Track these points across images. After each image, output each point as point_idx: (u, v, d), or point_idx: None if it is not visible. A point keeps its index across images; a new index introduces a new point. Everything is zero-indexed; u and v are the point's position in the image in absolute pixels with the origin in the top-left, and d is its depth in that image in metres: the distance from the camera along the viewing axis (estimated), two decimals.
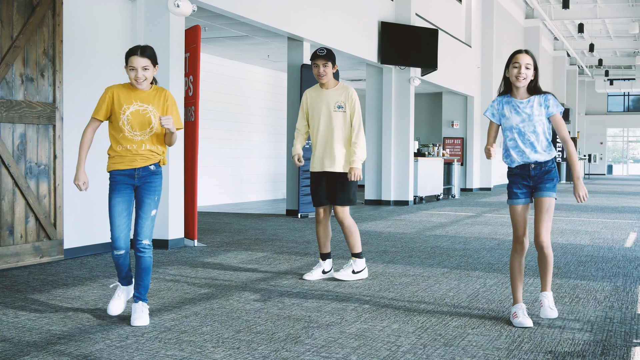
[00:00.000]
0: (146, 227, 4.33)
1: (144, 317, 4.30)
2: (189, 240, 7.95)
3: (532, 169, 4.29)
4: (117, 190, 4.33)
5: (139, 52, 4.26)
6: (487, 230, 9.68)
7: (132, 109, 4.29)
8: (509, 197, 4.38)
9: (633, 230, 9.97)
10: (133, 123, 4.29)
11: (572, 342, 3.94)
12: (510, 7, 24.54)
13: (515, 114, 4.29)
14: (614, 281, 5.85)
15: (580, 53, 33.53)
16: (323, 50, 5.70)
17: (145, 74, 4.27)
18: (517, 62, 4.24)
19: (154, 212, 4.38)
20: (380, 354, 3.69)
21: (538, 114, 4.26)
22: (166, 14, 7.62)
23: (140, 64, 4.25)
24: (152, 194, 4.36)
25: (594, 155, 38.33)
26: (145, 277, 4.37)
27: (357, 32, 12.80)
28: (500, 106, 4.36)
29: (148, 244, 4.34)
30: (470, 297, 5.16)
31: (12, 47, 6.27)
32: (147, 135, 4.33)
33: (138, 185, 4.35)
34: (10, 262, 6.27)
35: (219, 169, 14.38)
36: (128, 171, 4.32)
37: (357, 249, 5.84)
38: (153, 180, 4.37)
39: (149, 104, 4.32)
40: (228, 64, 14.65)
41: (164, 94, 4.41)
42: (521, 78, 4.23)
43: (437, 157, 15.79)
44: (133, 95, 4.32)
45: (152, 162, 4.36)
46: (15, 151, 6.34)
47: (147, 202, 4.34)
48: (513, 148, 4.31)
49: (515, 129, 4.28)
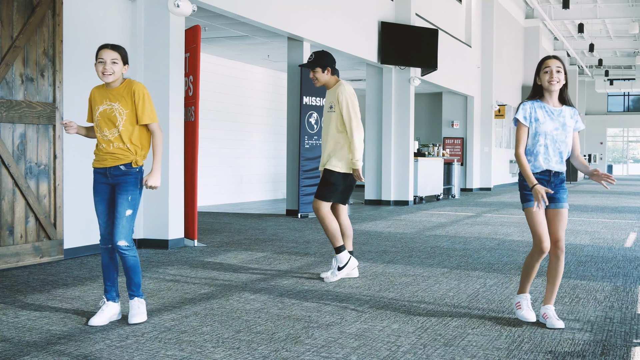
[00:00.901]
0: (121, 227, 4.25)
1: (140, 313, 4.30)
2: (189, 240, 7.95)
3: (552, 175, 4.28)
4: (95, 190, 4.38)
5: (110, 46, 4.27)
6: (487, 230, 9.68)
7: (101, 109, 4.30)
8: (525, 200, 4.27)
9: (633, 230, 9.97)
10: (101, 123, 4.30)
11: (572, 342, 3.94)
12: (510, 7, 24.54)
13: (549, 120, 4.23)
14: (614, 281, 5.85)
15: (580, 53, 33.52)
16: (311, 56, 5.83)
17: (113, 68, 4.23)
18: (547, 67, 4.22)
19: (129, 212, 4.29)
20: (380, 354, 3.69)
21: (570, 125, 4.27)
22: (166, 14, 7.62)
23: (109, 56, 4.23)
24: (124, 194, 4.29)
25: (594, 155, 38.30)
26: (133, 275, 4.34)
27: (357, 32, 12.80)
28: (533, 110, 4.27)
29: (126, 245, 4.26)
30: (470, 297, 5.16)
31: (12, 47, 6.27)
32: (116, 134, 4.28)
33: (112, 183, 4.34)
34: (10, 262, 6.27)
35: (219, 169, 14.38)
36: (102, 170, 4.35)
37: (335, 243, 5.79)
38: (124, 181, 4.31)
39: (116, 101, 4.29)
40: (228, 64, 14.65)
41: (132, 88, 4.30)
42: (554, 82, 4.21)
43: (437, 157, 15.79)
44: (104, 95, 4.32)
45: (123, 162, 4.30)
46: (15, 151, 6.34)
47: (119, 202, 4.29)
48: (542, 154, 4.25)
49: (550, 136, 4.23)
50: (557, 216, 4.29)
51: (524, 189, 4.29)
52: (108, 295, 4.39)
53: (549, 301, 4.36)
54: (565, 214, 4.31)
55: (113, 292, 4.39)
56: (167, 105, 7.54)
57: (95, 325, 4.24)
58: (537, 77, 4.29)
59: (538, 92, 4.31)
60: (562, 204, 4.29)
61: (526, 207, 4.25)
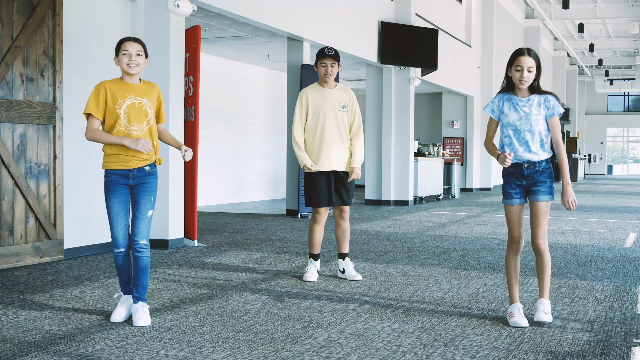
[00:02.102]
0: (143, 227, 4.30)
1: (145, 317, 4.29)
2: (189, 240, 7.95)
3: (525, 168, 4.28)
4: (113, 192, 4.30)
5: (133, 39, 4.29)
6: (487, 230, 9.68)
7: (128, 102, 4.25)
8: (503, 197, 4.39)
9: (633, 230, 9.97)
10: (130, 116, 4.24)
11: (572, 342, 3.95)
12: (510, 7, 24.54)
13: (513, 112, 4.29)
14: (614, 281, 5.85)
15: (580, 53, 33.53)
16: (331, 50, 5.68)
17: (138, 60, 4.24)
18: (519, 66, 4.22)
19: (151, 213, 4.35)
20: (380, 354, 3.69)
21: (536, 113, 4.25)
22: (166, 14, 7.62)
23: (134, 48, 4.24)
24: (148, 195, 4.32)
25: (594, 155, 38.33)
26: (143, 277, 4.35)
27: (357, 32, 12.80)
28: (501, 103, 4.35)
29: (145, 243, 4.32)
30: (470, 297, 5.16)
31: (12, 47, 6.27)
32: (144, 129, 4.28)
33: (133, 184, 4.31)
34: (10, 262, 6.27)
35: (218, 169, 14.38)
36: (123, 172, 4.28)
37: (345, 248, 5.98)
38: (148, 181, 4.32)
39: (144, 96, 4.29)
40: (228, 64, 14.65)
41: (156, 89, 4.40)
42: (524, 81, 4.23)
43: (437, 157, 15.79)
44: (126, 89, 4.28)
45: (147, 162, 4.31)
46: (15, 151, 6.34)
47: (143, 203, 4.30)
48: (507, 145, 4.32)
49: (512, 126, 4.28)
50: (533, 210, 4.32)
51: (503, 185, 4.40)
52: (125, 289, 4.44)
53: (542, 295, 4.39)
54: (543, 207, 4.27)
55: (131, 286, 4.43)
56: (167, 105, 7.53)
57: (117, 321, 4.30)
58: (508, 68, 4.31)
59: (509, 83, 4.35)
60: (537, 197, 4.27)
61: (503, 203, 4.39)
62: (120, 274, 4.45)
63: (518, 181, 4.32)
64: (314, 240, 5.87)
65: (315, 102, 5.74)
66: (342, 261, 5.90)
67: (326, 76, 5.68)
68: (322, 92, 5.76)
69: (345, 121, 5.75)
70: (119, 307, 4.39)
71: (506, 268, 4.45)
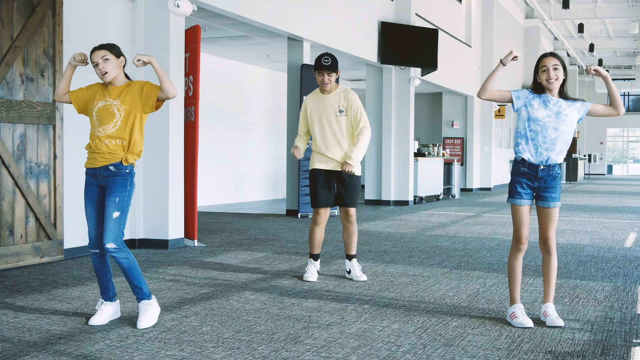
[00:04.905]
0: (108, 229, 4.19)
1: (146, 318, 4.24)
2: (189, 240, 7.95)
3: (540, 170, 4.28)
4: (86, 192, 4.33)
5: (96, 47, 4.29)
6: (487, 230, 9.68)
7: (100, 105, 4.28)
8: (510, 196, 4.34)
9: (633, 230, 9.97)
10: (100, 118, 4.25)
11: (572, 342, 3.95)
12: (510, 7, 24.54)
13: (543, 108, 4.27)
14: (614, 281, 5.85)
15: (580, 53, 33.51)
16: (328, 59, 5.69)
17: (107, 67, 4.23)
18: (544, 66, 4.25)
19: (116, 215, 4.21)
20: (380, 354, 3.69)
21: (567, 113, 4.27)
22: (166, 14, 7.62)
23: (98, 55, 4.25)
24: (112, 196, 4.23)
25: (594, 155, 38.30)
26: (131, 277, 4.27)
27: (357, 32, 12.80)
28: (532, 96, 4.32)
29: (114, 247, 4.17)
30: (470, 297, 5.16)
31: (12, 47, 6.27)
32: (110, 131, 4.23)
33: (102, 185, 4.29)
34: (10, 262, 6.27)
35: (218, 168, 14.38)
36: (92, 170, 4.30)
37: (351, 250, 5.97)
38: (113, 182, 4.25)
39: (117, 98, 4.27)
40: (228, 64, 14.65)
41: (137, 84, 4.33)
42: (552, 79, 4.24)
43: (437, 157, 15.79)
44: (106, 92, 4.32)
45: (111, 162, 4.25)
46: (15, 151, 6.34)
47: (107, 204, 4.23)
48: (532, 140, 4.27)
49: (541, 122, 4.25)
50: (545, 215, 4.33)
51: (512, 183, 4.34)
52: (104, 296, 4.38)
53: (548, 299, 4.38)
54: (554, 213, 4.32)
55: (109, 293, 4.37)
56: (167, 105, 7.53)
57: (95, 324, 4.23)
58: (536, 75, 4.33)
59: (539, 89, 4.34)
60: (549, 203, 4.30)
61: (510, 202, 4.36)
62: (97, 277, 4.39)
63: (530, 182, 4.30)
64: (314, 241, 5.88)
65: (314, 108, 5.82)
66: (349, 262, 5.92)
67: (323, 85, 5.75)
68: (320, 98, 5.83)
69: (343, 125, 5.73)
70: (98, 311, 4.32)
71: (509, 268, 4.44)
